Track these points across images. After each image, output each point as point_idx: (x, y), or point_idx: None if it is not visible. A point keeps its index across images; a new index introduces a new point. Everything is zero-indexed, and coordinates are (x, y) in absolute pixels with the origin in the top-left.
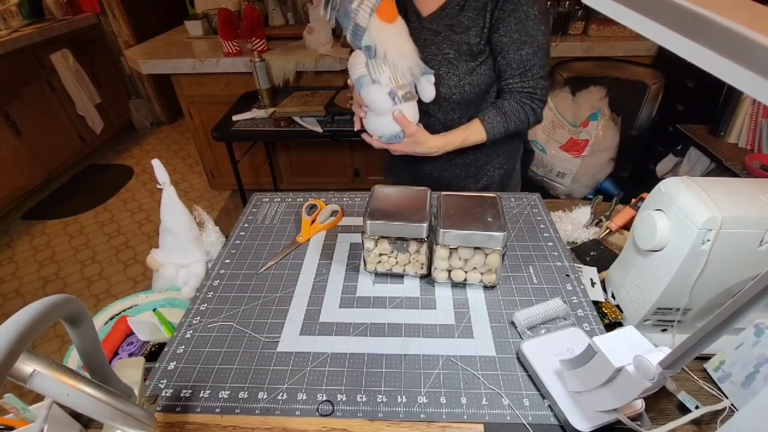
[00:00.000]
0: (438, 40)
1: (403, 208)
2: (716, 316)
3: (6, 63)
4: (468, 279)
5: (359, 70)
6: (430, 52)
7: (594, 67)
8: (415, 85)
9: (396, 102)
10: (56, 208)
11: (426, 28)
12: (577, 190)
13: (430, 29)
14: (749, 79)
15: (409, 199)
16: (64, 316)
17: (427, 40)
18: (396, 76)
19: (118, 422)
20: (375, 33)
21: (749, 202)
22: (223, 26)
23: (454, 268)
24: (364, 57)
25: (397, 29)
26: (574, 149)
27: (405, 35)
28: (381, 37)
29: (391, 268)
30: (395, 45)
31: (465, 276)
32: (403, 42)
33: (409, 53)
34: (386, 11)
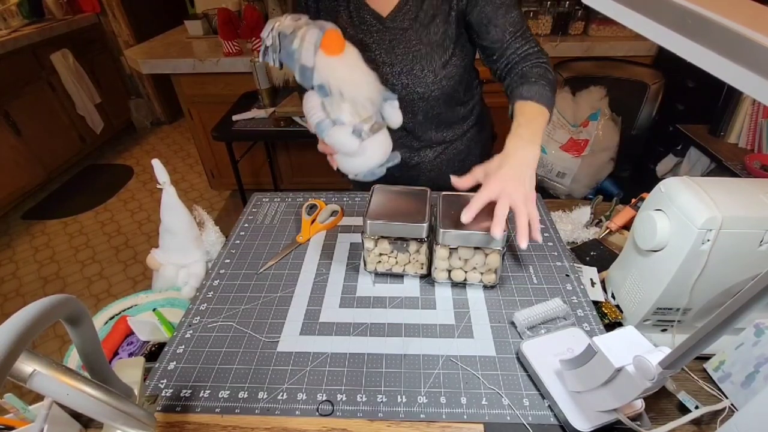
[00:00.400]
0: (406, 38)
1: (403, 208)
2: (716, 316)
3: (6, 63)
4: (468, 279)
5: (316, 115)
6: (400, 51)
7: (594, 67)
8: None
9: (363, 137)
10: (56, 207)
11: (389, 28)
12: (577, 190)
13: (395, 28)
14: (749, 79)
15: (409, 199)
16: (64, 316)
17: (393, 41)
18: (357, 110)
19: (119, 422)
20: (324, 71)
21: (749, 202)
22: (223, 26)
23: (454, 268)
24: (319, 98)
25: (348, 60)
26: (574, 149)
27: (357, 64)
28: (332, 74)
29: (391, 268)
30: (349, 79)
31: (465, 276)
32: (357, 73)
33: (365, 83)
34: (332, 44)
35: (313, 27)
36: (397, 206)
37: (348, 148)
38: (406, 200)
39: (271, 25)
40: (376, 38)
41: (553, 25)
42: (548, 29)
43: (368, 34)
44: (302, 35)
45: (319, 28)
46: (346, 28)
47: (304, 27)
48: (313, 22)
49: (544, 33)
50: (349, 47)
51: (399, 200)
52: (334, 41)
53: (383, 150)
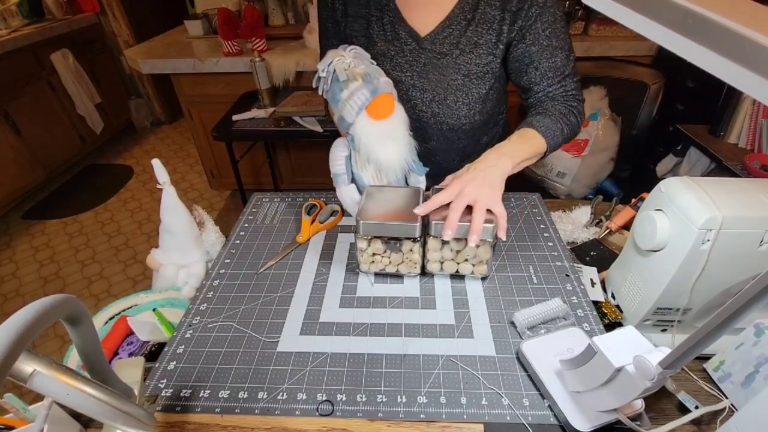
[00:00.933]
0: (442, 64)
1: (395, 208)
2: (716, 316)
3: (6, 63)
4: (460, 270)
5: (338, 166)
6: (434, 77)
7: (594, 67)
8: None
9: None
10: (56, 207)
11: (425, 49)
12: (577, 190)
13: (432, 51)
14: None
15: (402, 198)
16: (64, 316)
17: (428, 64)
18: (380, 176)
19: (119, 422)
20: (361, 131)
21: (749, 202)
22: (223, 26)
23: (446, 259)
24: (347, 148)
25: (388, 128)
26: (574, 149)
27: (396, 133)
28: (367, 138)
29: (384, 268)
30: (382, 149)
31: (457, 267)
32: (391, 145)
33: (396, 156)
34: (379, 110)
35: (366, 87)
36: (390, 206)
37: (352, 211)
38: (398, 199)
39: (330, 59)
40: (409, 58)
41: None
42: None
43: (401, 52)
44: (352, 90)
45: (372, 90)
46: (377, 42)
47: (358, 81)
48: (370, 76)
49: None
50: (397, 113)
51: (392, 200)
52: (382, 107)
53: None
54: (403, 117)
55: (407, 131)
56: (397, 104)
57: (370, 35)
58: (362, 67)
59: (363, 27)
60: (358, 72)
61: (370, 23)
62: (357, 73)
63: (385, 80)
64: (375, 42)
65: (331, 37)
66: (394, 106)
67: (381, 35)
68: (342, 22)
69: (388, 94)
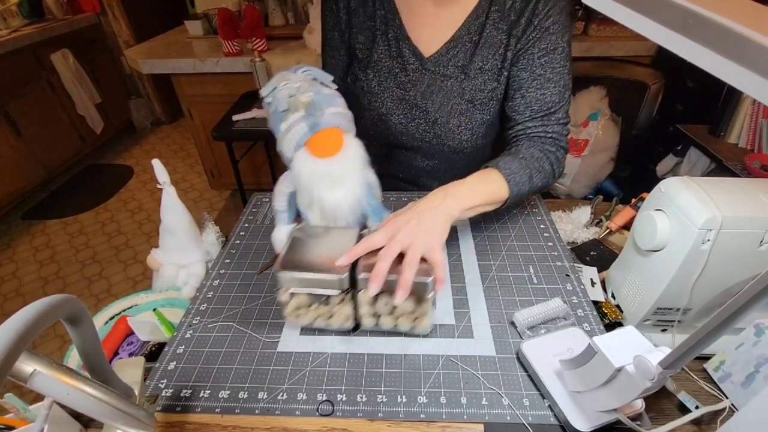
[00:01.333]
0: (446, 87)
1: (323, 254)
2: (716, 316)
3: (6, 63)
4: (399, 326)
5: (278, 202)
6: (437, 99)
7: (594, 67)
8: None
9: None
10: (56, 207)
11: (429, 71)
12: (577, 190)
13: (436, 73)
14: (749, 79)
15: (333, 242)
16: (64, 316)
17: (432, 86)
18: (327, 220)
19: (119, 422)
20: (301, 168)
21: (749, 202)
22: (223, 26)
23: (381, 314)
24: (291, 182)
25: (336, 166)
26: (574, 149)
27: (347, 172)
28: (308, 177)
29: (312, 323)
30: (327, 191)
31: (395, 323)
32: (338, 186)
33: (345, 201)
34: (320, 145)
35: (305, 120)
36: (318, 251)
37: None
38: (328, 243)
39: (276, 83)
40: (412, 77)
41: None
42: None
43: (404, 70)
44: (291, 123)
45: (311, 124)
46: (382, 58)
47: (300, 112)
48: (316, 106)
49: None
50: (349, 150)
51: (320, 243)
52: (323, 144)
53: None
54: (357, 154)
55: (362, 170)
56: (351, 139)
57: (375, 49)
58: (309, 95)
59: (368, 40)
60: (302, 101)
61: (375, 37)
62: (300, 103)
63: (334, 112)
64: (381, 59)
65: (337, 46)
66: (341, 143)
67: (385, 50)
68: (346, 33)
69: (333, 129)
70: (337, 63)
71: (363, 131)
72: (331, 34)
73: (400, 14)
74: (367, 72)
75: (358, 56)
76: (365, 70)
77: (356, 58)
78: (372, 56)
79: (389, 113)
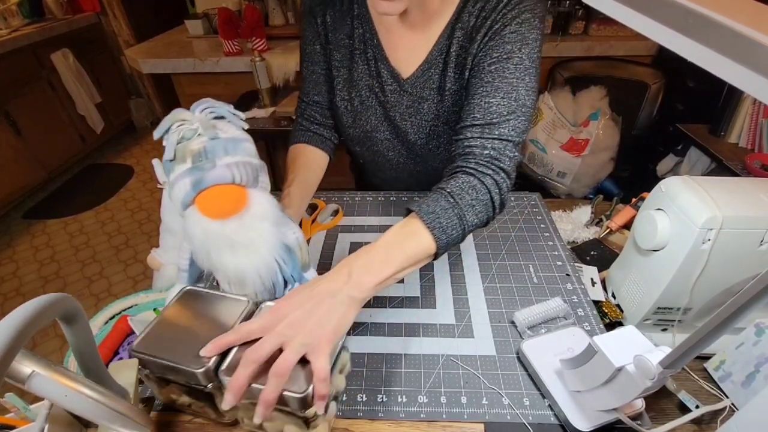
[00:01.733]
0: (423, 109)
1: (203, 331)
2: (716, 315)
3: (6, 62)
4: None
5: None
6: (416, 121)
7: (594, 66)
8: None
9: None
10: (57, 207)
11: (407, 92)
12: (578, 190)
13: (413, 95)
14: (750, 78)
15: (219, 316)
16: (59, 315)
17: (410, 107)
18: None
19: (116, 424)
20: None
21: (750, 202)
22: (223, 26)
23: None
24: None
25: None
26: (574, 149)
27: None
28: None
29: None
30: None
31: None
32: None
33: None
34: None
35: (189, 175)
36: (198, 325)
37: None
38: (214, 316)
39: (168, 124)
40: (390, 99)
41: (554, 25)
42: (549, 29)
43: (383, 91)
44: (175, 177)
45: (195, 181)
46: (362, 77)
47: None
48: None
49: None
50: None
51: (205, 314)
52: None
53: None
54: (265, 213)
55: (272, 231)
56: (258, 195)
57: (354, 68)
58: (201, 140)
59: (345, 58)
60: (189, 149)
61: (354, 55)
62: (188, 152)
63: (230, 163)
64: (362, 77)
65: (318, 60)
66: (239, 201)
67: (365, 69)
68: (327, 47)
69: (224, 186)
70: (318, 78)
71: (350, 145)
72: (312, 48)
73: (378, 34)
74: (349, 91)
75: (334, 73)
76: (346, 90)
77: (333, 76)
78: (352, 75)
79: (374, 130)
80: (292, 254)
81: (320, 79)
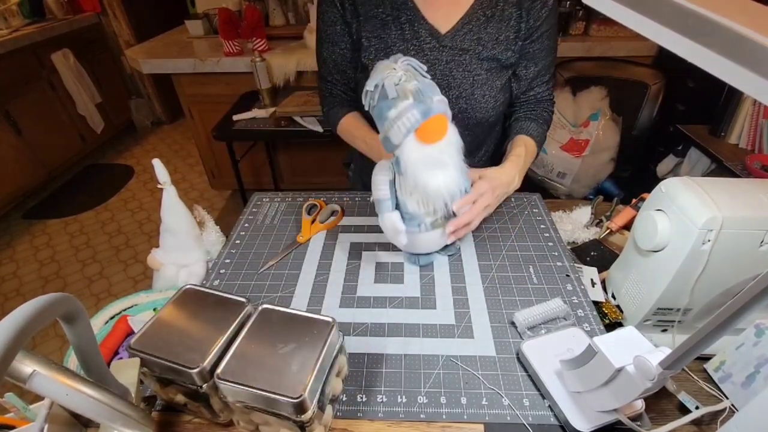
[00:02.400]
0: (465, 60)
1: (193, 333)
2: (717, 316)
3: (7, 62)
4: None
5: (381, 191)
6: (458, 74)
7: (595, 67)
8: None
9: (421, 230)
10: (57, 207)
11: (447, 47)
12: (578, 191)
13: (454, 48)
14: (750, 79)
15: (212, 318)
16: (60, 315)
17: (451, 62)
18: (425, 205)
19: (117, 423)
20: (408, 155)
21: (750, 203)
22: (223, 26)
23: (259, 424)
24: (391, 171)
25: (438, 153)
26: (574, 149)
27: (446, 159)
28: (415, 163)
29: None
30: (431, 177)
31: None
32: (439, 173)
33: (445, 185)
34: (431, 131)
35: (416, 107)
36: (188, 328)
37: (395, 240)
38: (205, 319)
39: (382, 73)
40: (430, 57)
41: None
42: None
43: (420, 51)
44: (401, 110)
45: (423, 111)
46: (395, 42)
47: (409, 99)
48: (423, 94)
49: None
50: (450, 136)
51: (197, 318)
52: (434, 130)
53: (436, 245)
54: (456, 140)
55: (459, 155)
56: (451, 126)
57: (387, 36)
58: (414, 83)
59: (377, 28)
60: (409, 89)
61: (386, 23)
62: (408, 90)
63: (439, 99)
64: (394, 43)
65: (338, 41)
66: (446, 129)
67: (399, 35)
68: (353, 23)
69: (441, 116)
70: (338, 58)
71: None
72: (332, 29)
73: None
74: (380, 59)
75: (364, 44)
76: (377, 58)
77: (362, 48)
78: (385, 42)
79: None
80: (464, 175)
81: (340, 59)
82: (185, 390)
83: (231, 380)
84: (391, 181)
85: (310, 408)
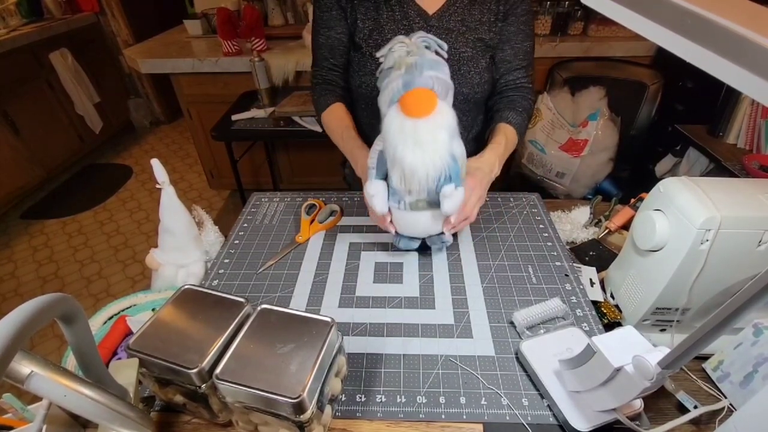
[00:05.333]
0: (451, 39)
1: (192, 332)
2: (715, 316)
3: (5, 62)
4: None
5: (370, 158)
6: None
7: (593, 67)
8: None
9: (400, 207)
10: (55, 207)
11: (433, 26)
12: (577, 190)
13: (440, 28)
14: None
15: (211, 318)
16: (58, 315)
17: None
18: (405, 182)
19: (116, 423)
20: (388, 124)
21: (748, 202)
22: (222, 26)
23: (258, 424)
24: (380, 142)
25: (422, 128)
26: (573, 149)
27: (429, 136)
28: (393, 133)
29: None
30: (407, 150)
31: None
32: (418, 150)
33: (422, 165)
34: (410, 104)
35: (402, 78)
36: (187, 328)
37: (371, 204)
38: (204, 320)
39: (392, 44)
40: None
41: (553, 26)
42: (548, 29)
43: (411, 30)
44: (389, 80)
45: (405, 82)
46: (388, 23)
47: (400, 70)
48: (417, 67)
49: (543, 33)
50: (438, 115)
51: (196, 318)
52: (412, 103)
53: (418, 230)
54: (446, 122)
55: (448, 139)
56: (445, 107)
57: (379, 16)
58: (414, 57)
59: (370, 9)
60: (406, 61)
61: (378, 5)
62: (404, 62)
63: (432, 75)
64: (386, 23)
65: (333, 26)
66: (432, 106)
67: (390, 15)
68: (347, 7)
69: (425, 90)
70: (333, 42)
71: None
72: (328, 14)
73: None
74: (376, 39)
75: (359, 26)
76: (373, 38)
77: (357, 30)
78: (379, 23)
79: None
80: (456, 163)
81: (335, 43)
82: (184, 390)
83: (230, 380)
84: (381, 151)
85: (309, 408)
